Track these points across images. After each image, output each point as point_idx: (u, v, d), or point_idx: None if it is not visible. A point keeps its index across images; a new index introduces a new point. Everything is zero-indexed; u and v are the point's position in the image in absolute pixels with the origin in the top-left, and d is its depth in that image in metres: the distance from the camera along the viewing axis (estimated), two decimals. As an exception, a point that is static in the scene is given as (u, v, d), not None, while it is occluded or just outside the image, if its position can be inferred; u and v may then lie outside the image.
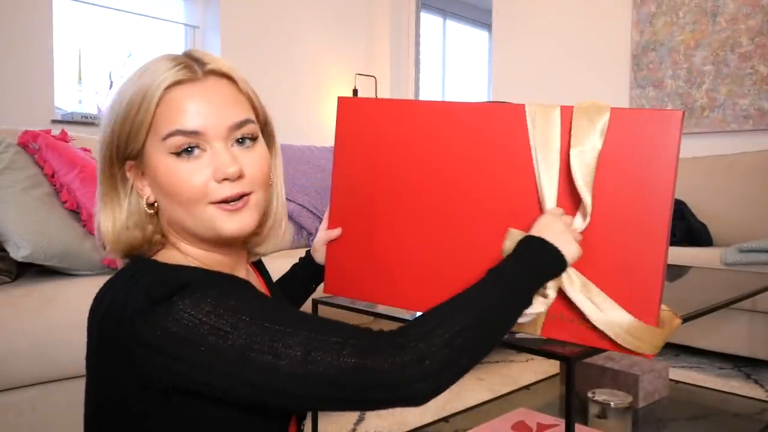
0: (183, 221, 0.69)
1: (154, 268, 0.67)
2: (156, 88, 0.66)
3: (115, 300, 0.64)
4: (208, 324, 0.59)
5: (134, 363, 0.62)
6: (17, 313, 1.25)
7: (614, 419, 1.33)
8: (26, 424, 1.23)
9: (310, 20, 3.85)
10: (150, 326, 0.60)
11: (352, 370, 0.59)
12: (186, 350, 0.59)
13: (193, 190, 0.67)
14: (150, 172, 0.69)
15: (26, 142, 1.64)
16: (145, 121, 0.67)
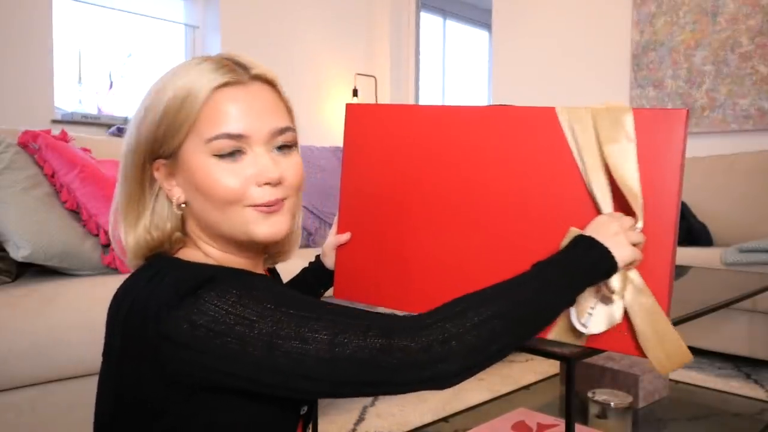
0: (217, 223, 0.69)
1: (177, 265, 0.68)
2: (201, 88, 0.66)
3: (138, 298, 0.64)
4: (234, 314, 0.60)
5: (159, 360, 0.61)
6: (17, 313, 1.25)
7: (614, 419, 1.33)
8: (26, 424, 1.23)
9: (310, 20, 3.85)
10: (176, 321, 0.60)
11: (379, 350, 0.59)
12: (213, 342, 0.59)
13: (233, 192, 0.67)
14: (185, 172, 0.68)
15: (26, 142, 1.64)
16: (188, 120, 0.66)
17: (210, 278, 0.62)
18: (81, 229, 1.60)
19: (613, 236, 0.72)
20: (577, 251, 0.72)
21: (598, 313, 0.76)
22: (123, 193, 0.72)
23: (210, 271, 0.64)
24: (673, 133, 0.78)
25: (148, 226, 0.71)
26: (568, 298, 0.71)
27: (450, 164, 0.91)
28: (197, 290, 0.61)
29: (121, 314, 0.66)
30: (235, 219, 0.68)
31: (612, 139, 0.78)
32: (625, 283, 0.74)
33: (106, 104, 3.19)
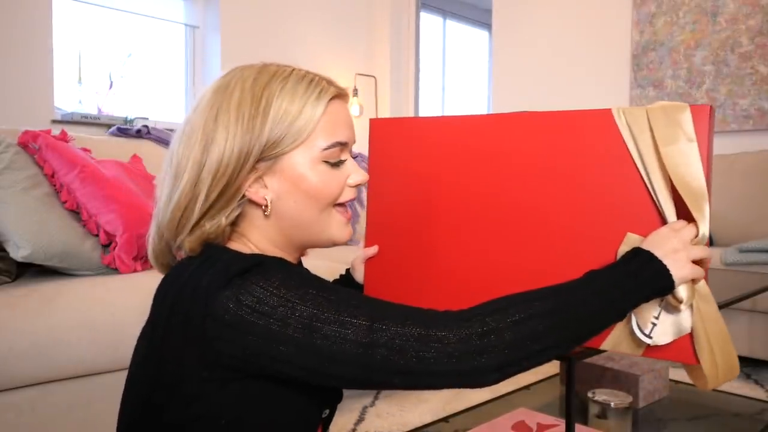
0: (308, 223, 0.74)
1: (227, 252, 0.71)
2: (321, 98, 0.72)
3: (189, 282, 0.66)
4: (278, 296, 0.62)
5: (204, 340, 0.63)
6: (17, 313, 1.25)
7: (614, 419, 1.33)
8: (26, 424, 1.23)
9: (310, 20, 3.85)
10: (223, 300, 0.62)
11: (417, 339, 0.60)
12: (256, 322, 0.61)
13: (335, 194, 0.74)
14: (288, 176, 0.72)
15: (26, 142, 1.64)
16: (308, 128, 0.71)
17: (258, 263, 0.66)
18: (81, 229, 1.60)
19: (672, 253, 0.69)
20: (634, 265, 0.69)
21: (663, 323, 0.73)
22: (214, 192, 0.71)
23: (258, 258, 0.68)
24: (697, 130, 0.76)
25: (227, 220, 0.73)
26: (618, 312, 0.69)
27: (481, 173, 0.90)
28: (245, 273, 0.64)
29: (169, 298, 0.68)
30: (326, 220, 0.75)
31: (670, 139, 0.75)
32: (693, 291, 0.71)
33: (106, 104, 3.19)
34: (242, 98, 0.71)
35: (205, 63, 3.54)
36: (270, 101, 0.71)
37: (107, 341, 1.32)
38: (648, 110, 0.77)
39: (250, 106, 0.71)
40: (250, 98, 0.71)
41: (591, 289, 0.68)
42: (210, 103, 0.73)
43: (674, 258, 0.69)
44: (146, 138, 2.22)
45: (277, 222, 0.74)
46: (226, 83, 0.74)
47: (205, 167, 0.70)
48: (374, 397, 1.91)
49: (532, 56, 3.64)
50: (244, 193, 0.72)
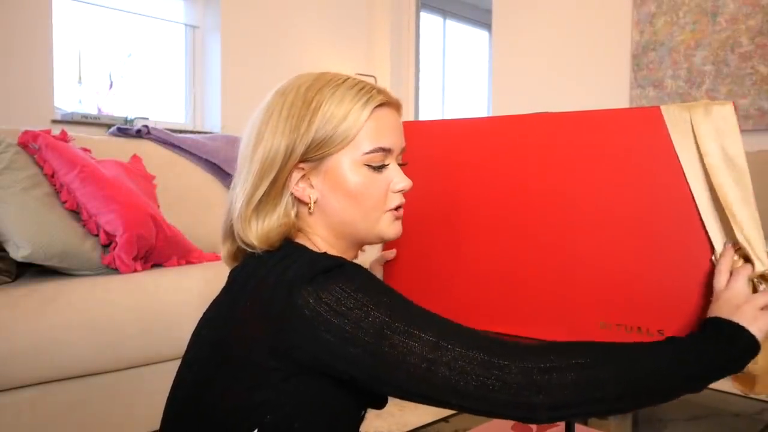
0: (354, 223, 0.78)
1: (310, 250, 0.74)
2: (364, 105, 0.75)
3: (273, 272, 0.70)
4: (355, 299, 0.65)
5: (281, 330, 0.66)
6: (17, 313, 1.25)
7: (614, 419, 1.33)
8: (26, 424, 1.23)
9: (310, 20, 3.85)
10: (306, 294, 0.65)
11: (479, 364, 0.61)
12: (332, 320, 0.64)
13: (379, 197, 0.77)
14: (331, 177, 0.76)
15: (26, 142, 1.64)
16: (351, 132, 0.74)
17: (340, 264, 0.69)
18: (81, 229, 1.60)
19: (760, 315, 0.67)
20: (721, 342, 0.67)
21: None
22: (262, 189, 0.75)
23: (340, 260, 0.71)
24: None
25: (280, 218, 0.76)
26: (693, 386, 0.67)
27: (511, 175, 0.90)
28: (328, 272, 0.67)
29: (249, 287, 0.71)
30: (375, 220, 0.78)
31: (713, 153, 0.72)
32: None
33: (106, 104, 3.19)
34: (294, 101, 0.75)
35: (205, 63, 3.54)
36: (320, 104, 0.74)
37: (107, 341, 1.32)
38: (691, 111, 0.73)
39: (300, 108, 0.75)
40: (301, 101, 0.75)
41: (672, 357, 0.66)
42: (267, 106, 0.78)
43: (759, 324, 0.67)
44: (146, 138, 2.22)
45: (323, 219, 0.78)
46: (284, 88, 0.78)
47: (253, 162, 0.75)
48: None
49: (532, 56, 3.64)
50: (291, 191, 0.76)
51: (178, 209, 2.02)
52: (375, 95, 0.76)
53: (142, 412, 1.39)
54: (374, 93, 0.77)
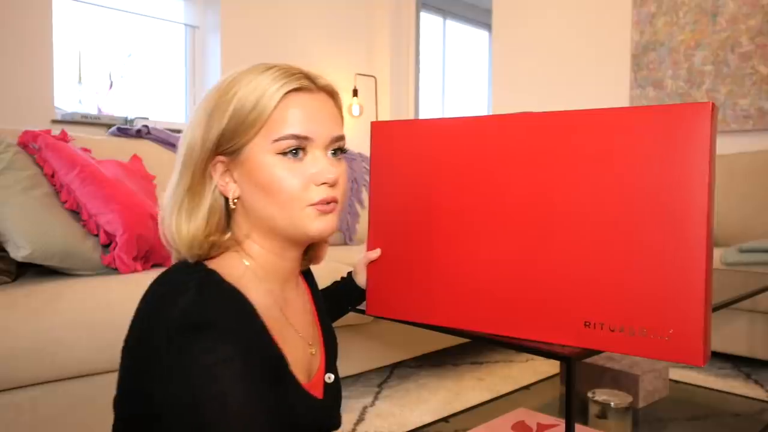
0: (274, 218, 0.73)
1: (203, 284, 0.69)
2: (276, 91, 0.71)
3: (162, 300, 0.68)
4: (207, 372, 0.62)
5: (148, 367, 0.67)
6: (17, 313, 1.25)
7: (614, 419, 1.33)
8: (26, 424, 1.23)
9: (310, 20, 3.85)
10: (170, 345, 0.64)
11: None
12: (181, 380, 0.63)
13: (293, 189, 0.71)
14: (246, 168, 0.72)
15: (26, 142, 1.64)
16: (259, 120, 0.71)
17: (212, 324, 0.64)
18: (81, 229, 1.60)
19: None
20: None
21: None
22: (183, 185, 0.74)
23: (216, 315, 0.65)
24: (698, 129, 0.75)
25: (206, 217, 0.73)
26: None
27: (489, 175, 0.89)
28: (197, 329, 0.64)
29: (143, 312, 0.71)
30: (294, 215, 0.72)
31: None
32: None
33: (106, 104, 3.19)
34: (215, 92, 0.73)
35: (205, 63, 3.54)
36: (236, 92, 0.71)
37: (107, 341, 1.32)
38: None
39: (218, 98, 0.72)
40: (221, 92, 0.72)
41: None
42: (197, 105, 0.76)
43: None
44: (146, 138, 2.22)
45: (247, 217, 0.75)
46: (218, 82, 0.75)
47: (177, 157, 0.74)
48: (374, 397, 1.91)
49: (532, 56, 3.64)
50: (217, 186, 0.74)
51: (178, 209, 2.02)
52: (293, 80, 0.72)
53: (142, 412, 1.39)
54: (293, 78, 0.72)
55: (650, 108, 0.79)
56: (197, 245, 0.72)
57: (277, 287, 0.78)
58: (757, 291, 1.33)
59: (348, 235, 2.58)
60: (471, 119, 0.92)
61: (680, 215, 0.77)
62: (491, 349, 2.43)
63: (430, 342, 2.17)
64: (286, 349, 0.73)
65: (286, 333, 0.76)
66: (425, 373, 2.17)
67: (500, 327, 0.90)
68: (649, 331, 0.79)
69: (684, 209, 0.77)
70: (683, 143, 0.77)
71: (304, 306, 0.86)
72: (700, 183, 0.76)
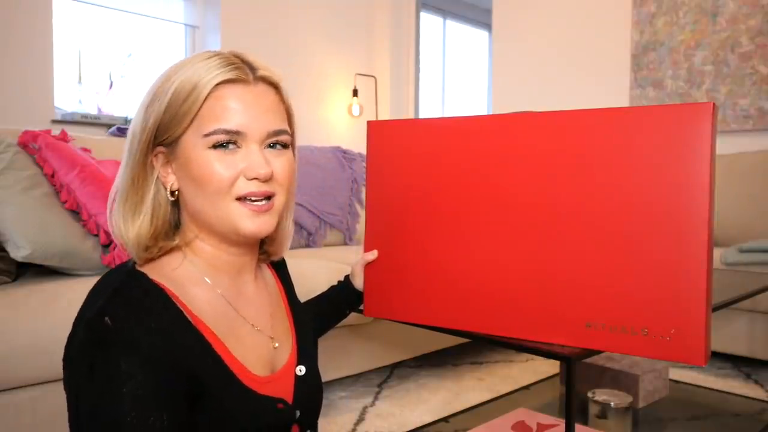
0: (206, 213, 0.71)
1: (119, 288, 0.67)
2: (207, 82, 0.68)
3: (85, 304, 0.69)
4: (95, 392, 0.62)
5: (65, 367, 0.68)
6: (17, 313, 1.25)
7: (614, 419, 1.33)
8: (26, 424, 1.23)
9: (310, 20, 3.85)
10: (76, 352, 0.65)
11: None
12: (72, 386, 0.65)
13: (222, 182, 0.69)
14: (181, 160, 0.71)
15: (26, 142, 1.64)
16: (191, 111, 0.69)
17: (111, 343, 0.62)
18: (81, 229, 1.60)
19: None
20: None
21: None
22: (127, 176, 0.73)
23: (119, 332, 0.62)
24: (699, 129, 0.75)
25: (150, 212, 0.72)
26: None
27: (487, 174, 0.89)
28: (98, 342, 0.62)
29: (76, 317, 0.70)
30: (224, 210, 0.70)
31: None
32: None
33: (106, 104, 3.19)
34: (159, 79, 0.72)
35: (205, 63, 3.54)
36: (173, 81, 0.69)
37: (107, 341, 1.32)
38: None
39: (159, 85, 0.71)
40: (164, 78, 0.71)
41: None
42: None
43: None
44: (146, 138, 2.22)
45: (185, 210, 0.74)
46: (165, 69, 0.74)
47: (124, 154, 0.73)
48: (374, 397, 1.91)
49: (532, 56, 3.64)
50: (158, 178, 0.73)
51: (178, 209, 2.02)
52: (227, 70, 0.69)
53: (142, 412, 1.38)
54: (229, 68, 0.69)
55: (651, 108, 0.79)
56: (143, 247, 0.71)
57: (226, 282, 0.76)
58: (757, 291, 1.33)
59: (348, 235, 2.58)
60: (468, 119, 0.92)
61: (681, 215, 0.77)
62: (491, 349, 2.43)
63: (430, 342, 2.17)
64: (233, 344, 0.72)
65: (236, 328, 0.74)
66: (425, 373, 2.17)
67: (499, 328, 0.90)
68: (650, 331, 0.79)
69: (685, 209, 0.77)
70: (684, 143, 0.77)
71: (269, 299, 0.83)
72: (701, 183, 0.76)
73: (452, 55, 5.56)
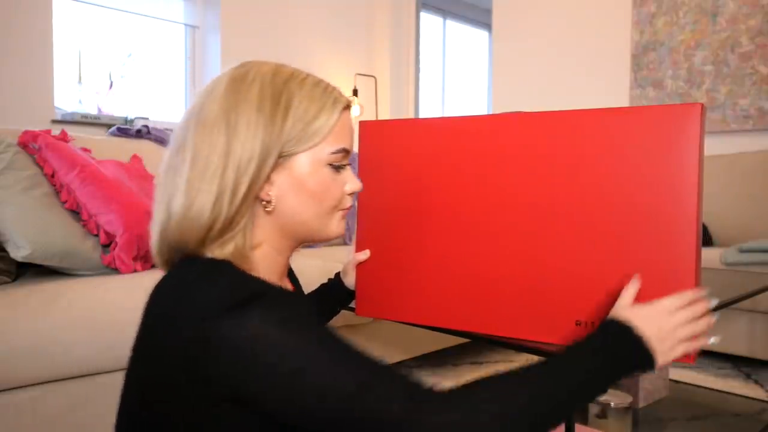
0: (309, 223, 0.76)
1: (229, 271, 0.67)
2: (337, 105, 0.75)
3: (187, 296, 0.65)
4: (274, 338, 0.60)
5: (193, 361, 0.62)
6: (17, 313, 1.25)
7: (614, 419, 1.33)
8: (26, 424, 1.23)
9: (310, 20, 3.85)
10: (221, 329, 0.61)
11: (393, 419, 0.59)
12: (249, 358, 0.60)
13: (337, 197, 0.77)
14: (296, 173, 0.73)
15: (26, 142, 1.64)
16: (323, 130, 0.73)
17: (260, 294, 0.63)
18: (81, 229, 1.60)
19: (666, 334, 0.71)
20: (618, 350, 0.69)
21: None
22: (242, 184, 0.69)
23: (261, 287, 0.65)
24: (688, 129, 0.76)
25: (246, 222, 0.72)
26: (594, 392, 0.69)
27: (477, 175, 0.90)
28: (247, 304, 0.62)
29: (164, 308, 0.67)
30: (327, 221, 0.78)
31: None
32: None
33: (106, 104, 3.19)
34: (263, 91, 0.71)
35: (205, 63, 3.54)
36: (290, 99, 0.71)
37: (107, 341, 1.32)
38: None
39: (270, 99, 0.70)
40: (270, 92, 0.71)
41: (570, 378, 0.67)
42: (228, 92, 0.71)
43: (666, 345, 0.70)
44: (146, 138, 2.22)
45: (277, 219, 0.75)
46: (243, 73, 0.72)
47: (230, 159, 0.69)
48: None
49: (532, 56, 3.64)
50: None
51: (178, 209, 2.02)
52: (339, 96, 0.76)
53: (142, 412, 1.39)
54: (337, 93, 0.76)
55: (640, 108, 0.80)
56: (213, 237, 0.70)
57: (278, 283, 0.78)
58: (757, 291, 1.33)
59: (348, 234, 2.58)
60: (460, 119, 0.92)
61: (669, 215, 0.78)
62: (491, 349, 2.43)
63: (430, 342, 2.17)
64: None
65: None
66: (425, 373, 2.16)
67: (490, 326, 0.90)
68: None
69: (673, 209, 0.77)
70: (673, 144, 0.78)
71: None
72: (690, 182, 0.77)
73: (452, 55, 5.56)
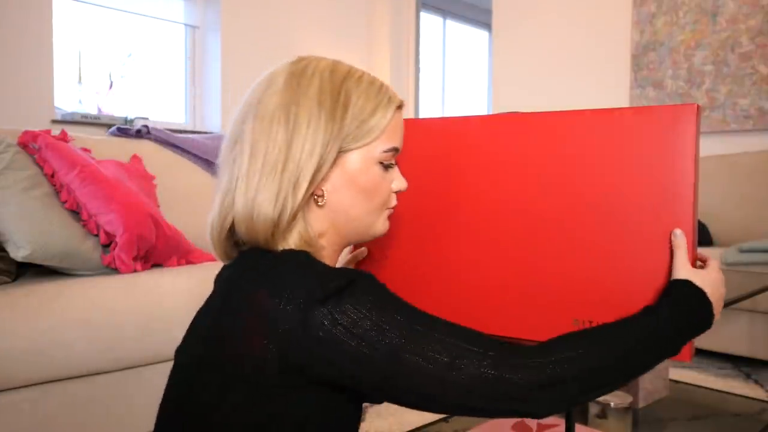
0: (360, 220, 0.77)
1: (314, 261, 0.70)
2: (391, 104, 0.76)
3: (281, 282, 0.66)
4: (370, 319, 0.64)
5: (291, 347, 0.64)
6: (17, 313, 1.25)
7: (614, 419, 1.33)
8: (26, 424, 1.23)
9: (310, 20, 3.85)
10: (319, 316, 0.63)
11: (490, 381, 0.64)
12: (349, 342, 0.63)
13: (386, 195, 0.78)
14: (349, 170, 0.74)
15: (26, 142, 1.64)
16: (378, 128, 0.74)
17: (352, 281, 0.66)
18: (81, 229, 1.60)
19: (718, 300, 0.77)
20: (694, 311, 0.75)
21: None
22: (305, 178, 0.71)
23: (351, 275, 0.68)
24: (684, 130, 0.76)
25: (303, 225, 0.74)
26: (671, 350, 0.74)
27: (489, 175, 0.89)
28: (342, 291, 0.65)
29: (244, 295, 0.68)
30: (376, 218, 0.79)
31: None
32: None
33: (106, 104, 3.19)
34: (322, 86, 0.73)
35: (205, 63, 3.54)
36: (349, 96, 0.73)
37: (107, 341, 1.32)
38: None
39: (330, 95, 0.72)
40: (330, 88, 0.73)
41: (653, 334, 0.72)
42: (287, 86, 0.73)
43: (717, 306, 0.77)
44: (146, 138, 2.22)
45: (328, 214, 0.76)
46: (302, 68, 0.75)
47: (291, 153, 0.70)
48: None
49: (532, 56, 3.64)
50: None
51: (178, 209, 2.02)
52: (393, 95, 0.77)
53: (142, 412, 1.39)
54: (391, 92, 0.77)
55: (635, 109, 0.80)
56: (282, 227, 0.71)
57: None
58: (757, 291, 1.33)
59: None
60: (456, 119, 0.92)
61: (665, 215, 0.78)
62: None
63: (430, 342, 2.17)
64: None
65: None
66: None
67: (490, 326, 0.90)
68: None
69: (669, 209, 0.78)
70: (668, 144, 0.78)
71: None
72: (686, 183, 0.77)
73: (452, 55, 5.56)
